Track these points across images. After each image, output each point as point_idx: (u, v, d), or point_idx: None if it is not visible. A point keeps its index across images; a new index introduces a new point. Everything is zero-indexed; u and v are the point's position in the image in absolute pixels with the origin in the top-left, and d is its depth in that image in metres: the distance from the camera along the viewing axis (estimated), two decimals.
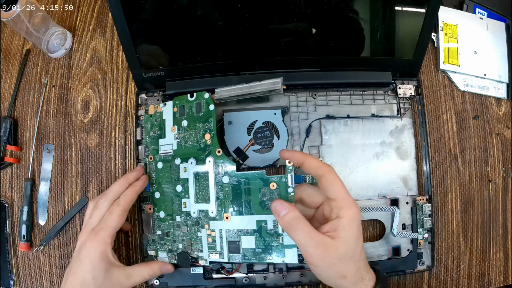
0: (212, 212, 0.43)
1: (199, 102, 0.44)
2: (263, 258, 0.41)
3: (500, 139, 0.54)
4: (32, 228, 0.50)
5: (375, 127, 0.50)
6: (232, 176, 0.42)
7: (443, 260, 0.50)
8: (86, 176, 0.51)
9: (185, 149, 0.44)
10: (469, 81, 0.55)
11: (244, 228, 0.41)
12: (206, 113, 0.43)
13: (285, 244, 0.40)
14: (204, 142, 0.43)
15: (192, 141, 0.44)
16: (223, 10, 0.44)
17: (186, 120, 0.45)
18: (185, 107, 0.45)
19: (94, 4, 0.56)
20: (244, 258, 0.41)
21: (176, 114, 0.45)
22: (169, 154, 0.45)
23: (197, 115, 0.44)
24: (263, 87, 0.44)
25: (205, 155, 0.43)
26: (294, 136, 0.49)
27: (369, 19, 0.46)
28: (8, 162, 0.51)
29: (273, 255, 0.40)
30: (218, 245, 0.43)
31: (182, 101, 0.45)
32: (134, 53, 0.46)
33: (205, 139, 0.43)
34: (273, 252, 0.40)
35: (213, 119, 0.43)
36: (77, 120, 0.52)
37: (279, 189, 0.40)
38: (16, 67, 0.54)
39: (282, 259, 0.40)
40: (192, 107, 0.44)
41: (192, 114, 0.44)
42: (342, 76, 0.49)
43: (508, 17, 0.58)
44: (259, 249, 0.41)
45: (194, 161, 0.44)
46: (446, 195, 0.52)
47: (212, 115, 0.43)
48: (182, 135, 0.45)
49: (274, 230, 0.40)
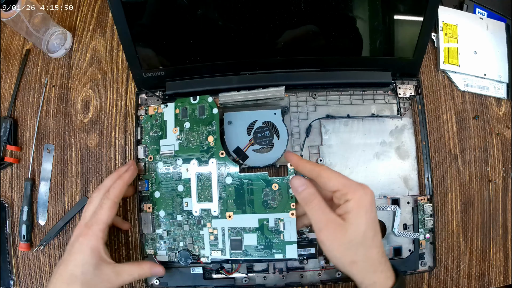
0: (214, 211, 0.45)
1: (202, 105, 0.46)
2: (264, 255, 0.43)
3: (500, 139, 0.54)
4: (32, 228, 0.50)
5: (375, 127, 0.50)
6: (235, 177, 0.44)
7: (443, 260, 0.50)
8: (86, 176, 0.51)
9: (187, 150, 0.46)
10: (469, 81, 0.55)
11: (247, 226, 0.44)
12: (209, 116, 0.46)
13: (286, 241, 0.43)
14: (207, 144, 0.45)
15: (195, 142, 0.46)
16: (223, 10, 0.44)
17: (188, 122, 0.46)
18: (188, 109, 0.47)
19: (94, 4, 0.56)
20: (246, 254, 0.43)
21: (178, 115, 0.47)
22: (171, 154, 0.47)
23: (200, 117, 0.46)
24: (266, 95, 0.46)
25: (208, 156, 0.45)
26: (294, 136, 0.49)
27: (369, 19, 0.46)
28: (8, 162, 0.51)
29: (274, 252, 0.42)
30: (220, 242, 0.44)
31: (185, 103, 0.47)
32: (134, 53, 0.46)
33: (208, 141, 0.45)
34: (274, 248, 0.42)
35: (217, 122, 0.45)
36: (77, 120, 0.52)
37: (280, 189, 0.43)
38: (16, 67, 0.54)
39: (283, 256, 0.42)
40: (195, 109, 0.46)
41: (195, 117, 0.46)
42: (342, 76, 0.49)
43: (508, 17, 0.58)
44: (260, 246, 0.43)
45: (196, 162, 0.45)
46: (446, 195, 0.52)
47: (216, 119, 0.45)
48: (184, 136, 0.46)
49: (276, 227, 0.43)
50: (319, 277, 0.47)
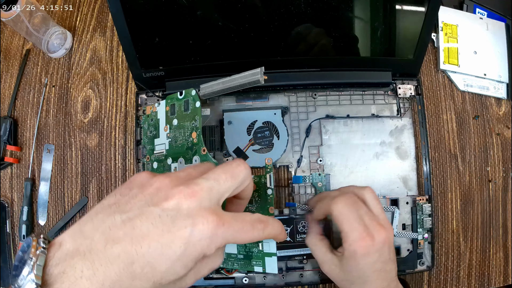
0: None
1: (187, 100, 0.42)
2: (244, 266, 0.40)
3: (500, 139, 0.54)
4: (32, 228, 0.50)
5: (375, 127, 0.50)
6: None
7: (443, 260, 0.50)
8: (86, 176, 0.51)
9: (175, 149, 0.42)
10: (469, 81, 0.55)
11: None
12: (192, 110, 0.41)
13: (265, 252, 0.38)
14: (191, 140, 0.40)
15: (181, 140, 0.42)
16: (223, 10, 0.44)
17: (176, 119, 0.43)
18: (175, 105, 0.43)
19: (94, 4, 0.56)
20: (226, 263, 0.41)
21: (168, 113, 0.44)
22: (162, 154, 0.44)
23: (185, 113, 0.42)
24: (243, 80, 0.41)
25: (192, 154, 0.41)
26: (294, 136, 0.49)
27: (369, 19, 0.46)
28: (8, 162, 0.51)
29: (253, 264, 0.39)
30: None
31: (173, 100, 0.43)
32: (134, 53, 0.46)
33: (192, 137, 0.40)
34: (254, 260, 0.39)
35: (199, 116, 0.40)
36: (77, 120, 0.52)
37: (258, 190, 0.38)
38: (16, 67, 0.54)
39: (263, 269, 0.38)
40: (181, 105, 0.42)
41: (181, 113, 0.42)
42: (342, 76, 0.49)
43: (508, 17, 0.58)
44: (240, 255, 0.40)
45: (183, 161, 0.41)
46: (446, 195, 0.52)
47: (198, 113, 0.40)
48: (173, 134, 0.43)
49: None
50: (319, 277, 0.47)
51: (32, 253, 0.21)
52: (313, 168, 0.49)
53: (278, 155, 0.48)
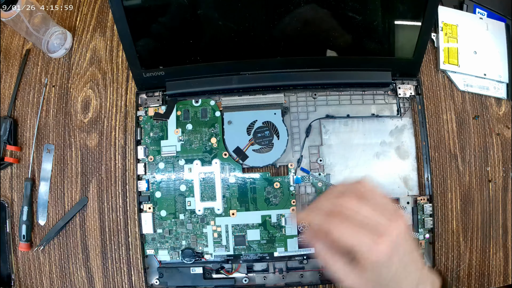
0: (218, 209, 0.47)
1: (204, 108, 0.48)
2: (267, 249, 0.46)
3: (500, 139, 0.54)
4: (32, 228, 0.50)
5: (375, 127, 0.50)
6: (238, 176, 0.47)
7: (443, 260, 0.50)
8: (86, 176, 0.51)
9: (190, 151, 0.48)
10: (469, 81, 0.55)
11: (250, 222, 0.46)
12: (212, 118, 0.48)
13: (287, 235, 0.46)
14: (210, 145, 0.47)
15: (197, 143, 0.48)
16: (223, 10, 0.44)
17: (191, 124, 0.48)
18: (190, 111, 0.49)
19: (94, 4, 0.56)
20: (249, 249, 0.46)
21: (180, 117, 0.49)
22: (172, 155, 0.48)
23: (203, 120, 0.48)
24: (267, 100, 0.49)
25: (211, 157, 0.47)
26: (294, 136, 0.49)
27: (369, 19, 0.46)
28: (8, 162, 0.51)
29: (276, 246, 0.46)
30: (224, 239, 0.46)
31: (187, 106, 0.49)
32: (134, 52, 0.46)
33: (211, 142, 0.47)
34: (276, 242, 0.46)
35: (219, 124, 0.48)
36: (77, 120, 0.52)
37: (282, 187, 0.47)
38: (16, 67, 0.54)
39: (285, 249, 0.46)
40: (197, 112, 0.48)
41: (197, 119, 0.48)
42: (342, 76, 0.49)
43: (508, 17, 0.58)
44: (263, 241, 0.46)
45: (199, 163, 0.47)
46: (446, 195, 0.52)
47: (219, 121, 0.48)
48: (186, 137, 0.48)
49: (277, 223, 0.46)
50: (319, 277, 0.47)
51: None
52: (313, 168, 0.49)
53: (278, 155, 0.48)
